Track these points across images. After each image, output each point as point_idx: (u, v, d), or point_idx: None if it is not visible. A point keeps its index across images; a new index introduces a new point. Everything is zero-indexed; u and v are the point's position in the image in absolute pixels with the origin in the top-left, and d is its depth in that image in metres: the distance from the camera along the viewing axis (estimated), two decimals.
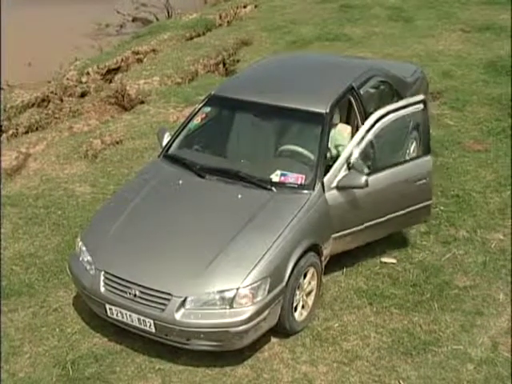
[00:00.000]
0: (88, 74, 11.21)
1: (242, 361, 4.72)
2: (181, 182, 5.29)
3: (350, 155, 5.17)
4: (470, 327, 4.94)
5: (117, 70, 11.51)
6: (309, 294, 5.03)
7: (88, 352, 4.83)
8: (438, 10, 13.03)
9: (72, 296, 5.40)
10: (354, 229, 5.31)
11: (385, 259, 5.72)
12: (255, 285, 4.43)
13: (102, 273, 4.69)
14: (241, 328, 4.40)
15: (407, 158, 6.19)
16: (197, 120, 5.80)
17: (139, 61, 11.61)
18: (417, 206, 5.57)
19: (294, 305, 4.81)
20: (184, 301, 4.41)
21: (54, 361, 4.76)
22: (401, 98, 6.39)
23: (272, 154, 5.47)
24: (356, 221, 5.30)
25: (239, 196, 5.04)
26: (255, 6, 14.15)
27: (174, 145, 5.69)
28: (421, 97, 5.78)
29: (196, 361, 4.71)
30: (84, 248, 4.91)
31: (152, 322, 4.47)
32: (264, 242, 4.62)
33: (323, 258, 5.12)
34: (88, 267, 4.82)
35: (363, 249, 5.82)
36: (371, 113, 5.86)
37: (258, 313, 4.44)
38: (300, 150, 5.35)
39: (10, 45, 13.68)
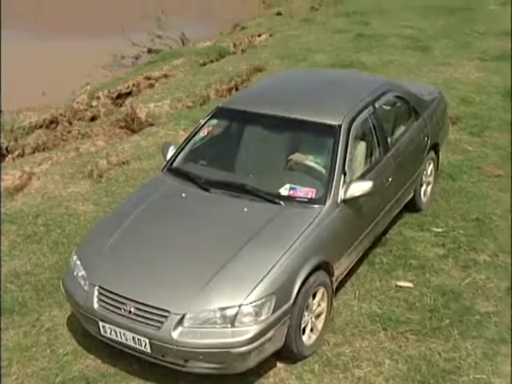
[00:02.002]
0: (98, 98, 11.05)
1: None
2: (184, 195, 5.01)
3: (344, 164, 4.88)
4: (493, 355, 4.55)
5: (128, 94, 11.34)
6: (318, 316, 4.67)
7: (79, 374, 4.50)
8: (455, 40, 12.80)
9: (66, 315, 5.08)
10: (362, 236, 5.12)
11: (400, 283, 5.36)
12: (259, 302, 4.08)
13: (96, 288, 4.38)
14: (243, 349, 4.04)
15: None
16: (203, 133, 5.55)
17: (151, 86, 11.45)
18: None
19: (302, 326, 4.45)
20: (182, 318, 4.07)
21: (43, 383, 4.43)
22: (418, 115, 6.15)
23: (281, 168, 5.18)
24: (364, 225, 5.15)
25: (245, 209, 4.74)
26: (270, 35, 14.02)
27: (179, 158, 5.43)
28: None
29: None
30: (78, 262, 4.61)
31: (147, 341, 4.13)
32: (270, 258, 4.29)
33: (334, 279, 4.77)
34: (82, 282, 4.51)
35: (377, 272, 5.50)
36: (388, 128, 5.64)
37: (262, 333, 4.09)
38: (311, 164, 5.07)
39: (25, 76, 13.65)
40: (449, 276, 5.45)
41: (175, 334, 4.05)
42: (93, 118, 10.59)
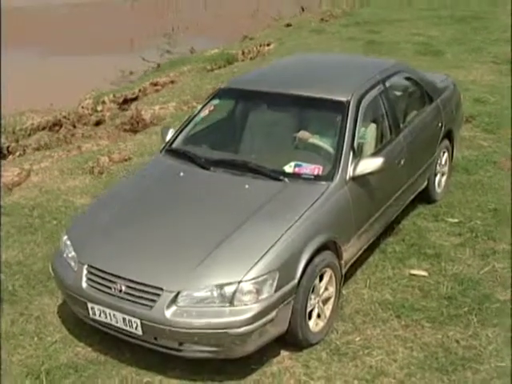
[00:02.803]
0: (104, 102, 10.82)
1: (246, 375, 4.01)
2: (182, 174, 4.72)
3: (353, 140, 4.58)
4: None
5: (134, 100, 11.12)
6: (326, 302, 4.33)
7: (67, 362, 4.17)
8: (468, 45, 12.56)
9: (57, 304, 4.77)
10: (372, 219, 4.79)
11: (414, 271, 5.01)
12: (260, 279, 3.75)
13: (85, 267, 4.08)
14: (243, 329, 3.70)
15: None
16: (204, 113, 5.27)
17: (157, 91, 11.24)
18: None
19: (308, 310, 4.11)
20: (176, 296, 3.74)
21: (28, 370, 4.10)
22: (431, 100, 5.85)
23: (287, 147, 4.88)
24: (374, 208, 4.81)
25: (246, 186, 4.44)
26: (280, 44, 13.83)
27: (178, 139, 5.16)
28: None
29: (191, 374, 4.01)
30: (68, 242, 4.31)
31: (139, 322, 3.79)
32: (272, 233, 3.97)
33: (343, 262, 4.43)
34: (72, 263, 4.20)
35: (390, 261, 5.16)
36: (400, 109, 5.35)
37: (263, 312, 3.74)
38: (318, 141, 4.77)
39: (34, 89, 13.52)
40: (466, 265, 5.09)
41: (168, 313, 3.72)
42: (98, 123, 10.32)
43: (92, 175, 7.16)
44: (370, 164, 4.50)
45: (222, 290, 3.72)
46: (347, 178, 4.46)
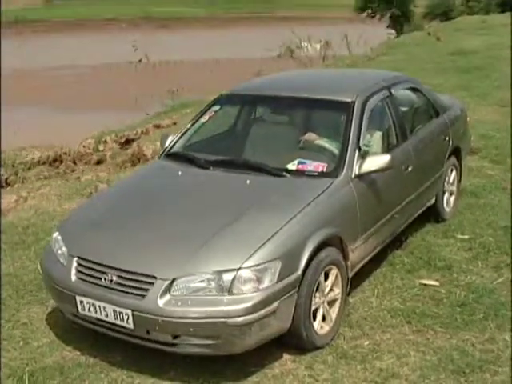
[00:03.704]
0: (105, 142, 10.75)
1: (245, 377, 3.70)
2: (180, 173, 4.58)
3: (359, 139, 4.43)
4: None
5: (135, 140, 11.06)
6: (332, 304, 4.06)
7: (53, 364, 3.88)
8: (472, 91, 12.56)
9: (46, 312, 4.50)
10: (379, 223, 4.57)
11: (425, 281, 4.74)
12: (262, 267, 3.52)
13: (75, 259, 3.86)
14: (242, 319, 3.43)
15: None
16: (204, 119, 5.14)
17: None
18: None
19: (313, 308, 3.84)
20: (170, 284, 3.50)
21: (10, 372, 3.81)
22: (438, 114, 5.75)
23: (291, 149, 4.69)
24: (381, 211, 4.60)
25: (247, 182, 4.27)
26: None
27: (178, 144, 5.01)
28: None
29: (187, 376, 3.71)
30: (60, 237, 4.10)
31: (130, 313, 3.53)
32: (274, 222, 3.77)
33: (349, 264, 4.19)
34: (61, 258, 3.98)
35: (398, 272, 4.91)
36: (406, 117, 5.23)
37: (264, 303, 3.48)
38: (323, 143, 4.62)
39: (37, 135, 13.53)
40: (479, 276, 4.83)
41: (162, 302, 3.47)
42: (99, 162, 10.24)
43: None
44: (377, 161, 4.33)
45: (220, 278, 3.48)
46: (353, 175, 4.30)
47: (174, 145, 5.00)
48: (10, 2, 71.33)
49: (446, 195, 5.91)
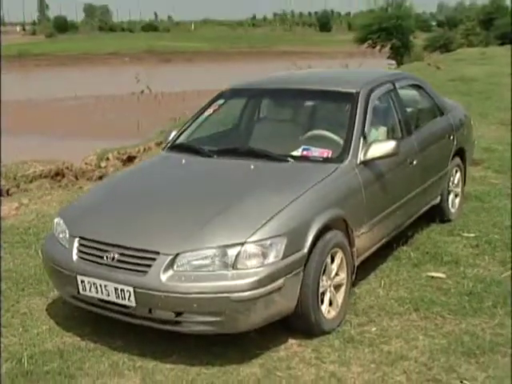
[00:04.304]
0: (108, 159, 10.75)
1: (250, 359, 3.61)
2: (183, 161, 4.57)
3: (364, 128, 4.42)
4: None
5: (137, 157, 11.05)
6: (337, 289, 3.98)
7: (53, 349, 3.79)
8: (474, 111, 12.51)
9: (47, 303, 4.41)
10: (385, 212, 4.52)
11: (432, 273, 4.66)
12: (267, 242, 3.47)
13: (77, 239, 3.81)
14: (247, 294, 3.35)
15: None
16: (208, 112, 5.14)
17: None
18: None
19: (320, 290, 3.76)
20: (174, 260, 3.44)
21: (9, 356, 3.71)
22: (442, 113, 5.77)
23: (296, 139, 4.66)
24: (387, 201, 4.57)
25: (251, 167, 4.25)
26: None
27: (181, 137, 5.00)
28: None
29: (189, 359, 3.62)
30: (62, 221, 4.04)
31: (132, 290, 3.45)
32: (279, 200, 3.74)
33: (355, 250, 4.13)
34: (63, 240, 3.93)
35: (405, 266, 4.83)
36: (411, 112, 5.25)
37: (269, 278, 3.41)
38: (329, 134, 4.61)
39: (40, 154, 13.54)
40: (486, 269, 4.75)
41: (164, 278, 3.40)
42: (101, 178, 10.21)
43: None
44: (382, 147, 4.32)
45: (225, 253, 3.41)
46: (358, 161, 4.28)
47: (177, 138, 5.00)
48: (14, 36, 72.31)
49: (451, 196, 5.87)
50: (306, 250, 3.61)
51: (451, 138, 5.72)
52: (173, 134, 5.08)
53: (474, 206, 6.27)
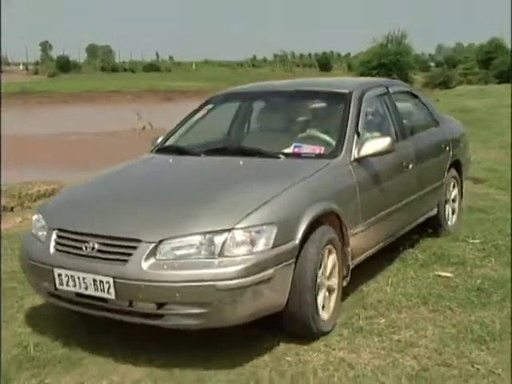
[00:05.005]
0: None
1: (258, 347, 3.57)
2: (171, 160, 4.52)
3: (357, 125, 4.35)
4: None
5: None
6: (330, 292, 3.81)
7: (58, 338, 3.74)
8: (475, 137, 12.56)
9: None
10: (381, 214, 4.39)
11: (439, 272, 4.65)
12: (256, 229, 3.31)
13: (55, 232, 3.63)
14: (234, 282, 3.17)
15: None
16: (197, 116, 5.14)
17: None
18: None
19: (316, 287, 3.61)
20: (156, 247, 3.26)
21: (14, 343, 3.68)
22: (437, 123, 5.79)
23: (288, 139, 4.51)
24: (383, 202, 4.45)
25: (240, 162, 4.19)
26: None
27: (169, 140, 4.94)
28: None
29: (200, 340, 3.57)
30: (40, 216, 3.86)
31: (111, 281, 3.26)
32: (270, 189, 3.61)
33: (349, 250, 3.98)
34: (40, 234, 3.76)
35: (411, 266, 4.84)
36: (405, 117, 5.24)
37: (258, 266, 3.24)
38: (321, 135, 4.50)
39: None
40: (493, 270, 4.75)
41: (146, 266, 3.23)
42: None
43: None
44: (377, 144, 4.23)
45: (211, 240, 3.24)
46: (352, 158, 4.18)
47: (164, 142, 4.95)
48: (17, 76, 73.26)
49: (448, 209, 5.78)
50: (297, 241, 3.46)
51: (447, 148, 5.64)
52: (160, 138, 5.01)
53: (478, 217, 6.28)
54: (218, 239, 3.24)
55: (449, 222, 5.76)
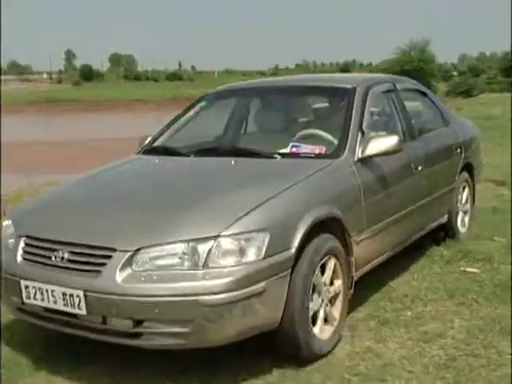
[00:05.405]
0: None
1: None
2: (157, 161, 4.18)
3: (361, 123, 4.00)
4: None
5: None
6: (333, 300, 3.48)
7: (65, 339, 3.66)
8: (495, 141, 12.67)
9: None
10: (388, 220, 4.05)
11: (466, 268, 4.64)
12: (246, 236, 2.94)
13: (23, 239, 3.32)
14: (220, 297, 2.82)
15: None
16: (189, 115, 4.80)
17: None
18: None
19: (311, 307, 3.25)
20: (133, 256, 2.91)
21: (21, 341, 3.68)
22: (448, 123, 5.50)
23: (287, 138, 4.14)
24: (390, 207, 4.11)
25: (232, 162, 3.82)
26: None
27: (158, 140, 4.60)
28: None
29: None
30: (10, 222, 3.54)
31: (82, 294, 2.92)
32: (264, 191, 3.25)
33: (353, 259, 3.61)
34: (9, 242, 3.44)
35: (437, 263, 4.85)
36: (414, 116, 4.93)
37: (248, 279, 2.89)
38: (322, 132, 4.14)
39: None
40: None
41: (120, 278, 2.87)
42: None
43: None
44: (383, 143, 3.86)
45: (195, 248, 2.89)
46: (355, 158, 3.82)
47: (153, 142, 4.61)
48: (41, 84, 74.15)
49: (461, 215, 5.47)
50: (293, 250, 3.09)
51: (458, 150, 5.32)
52: (148, 139, 4.66)
53: (503, 218, 6.22)
54: (203, 248, 2.89)
55: (461, 229, 5.43)
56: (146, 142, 4.63)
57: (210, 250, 2.87)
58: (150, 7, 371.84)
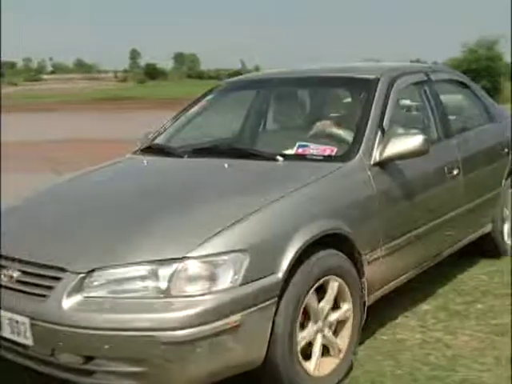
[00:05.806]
0: None
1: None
2: (145, 162, 3.80)
3: (382, 119, 3.48)
4: None
5: None
6: (338, 328, 2.99)
7: None
8: None
9: None
10: (412, 234, 3.49)
11: None
12: (218, 258, 2.46)
13: None
14: (182, 333, 2.33)
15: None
16: (194, 109, 4.34)
17: None
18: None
19: (301, 340, 2.75)
20: (84, 280, 2.47)
21: None
22: (493, 118, 4.82)
23: (296, 138, 3.61)
24: (414, 219, 3.54)
25: (225, 165, 3.37)
26: None
27: (159, 138, 4.16)
28: None
29: None
30: None
31: (28, 322, 2.50)
32: (247, 203, 2.75)
33: (365, 280, 3.07)
34: None
35: (508, 259, 4.71)
36: (451, 111, 4.36)
37: (218, 311, 2.39)
38: (338, 131, 3.64)
39: None
40: None
41: (67, 305, 2.42)
42: None
43: None
44: (405, 143, 3.29)
45: (155, 272, 2.42)
46: (371, 161, 3.27)
47: (154, 139, 4.18)
48: (108, 83, 76.10)
49: (508, 225, 4.79)
50: (280, 274, 2.57)
51: (505, 150, 4.66)
52: (150, 135, 4.24)
53: None
54: (164, 272, 2.42)
55: (507, 242, 4.77)
56: (147, 138, 4.21)
57: (173, 274, 2.41)
58: (214, 6, 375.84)
